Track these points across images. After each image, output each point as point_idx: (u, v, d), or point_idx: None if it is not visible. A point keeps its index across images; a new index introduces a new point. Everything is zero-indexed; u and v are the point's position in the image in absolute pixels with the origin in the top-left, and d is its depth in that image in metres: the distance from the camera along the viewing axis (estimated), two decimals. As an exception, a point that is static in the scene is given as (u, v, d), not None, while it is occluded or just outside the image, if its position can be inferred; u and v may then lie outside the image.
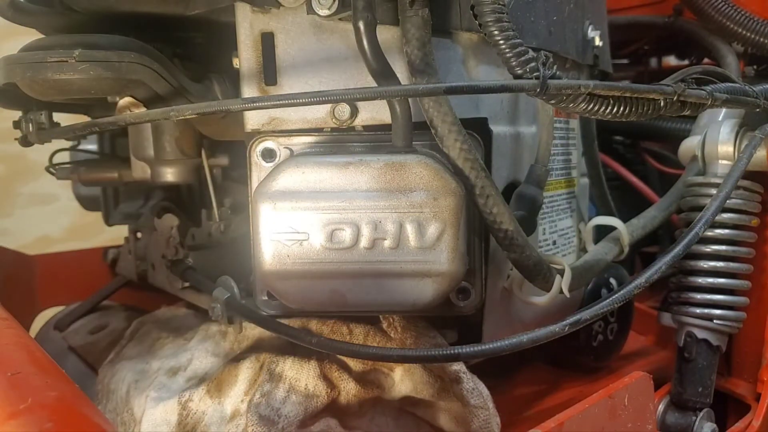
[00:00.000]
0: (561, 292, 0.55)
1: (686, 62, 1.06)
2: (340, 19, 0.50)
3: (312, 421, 0.53)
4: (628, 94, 0.46)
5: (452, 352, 0.48)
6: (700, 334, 0.65)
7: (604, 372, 0.76)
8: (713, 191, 0.61)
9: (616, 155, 1.00)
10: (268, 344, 0.59)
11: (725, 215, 0.64)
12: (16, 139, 0.64)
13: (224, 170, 0.79)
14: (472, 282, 0.53)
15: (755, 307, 0.68)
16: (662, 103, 0.48)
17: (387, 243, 0.48)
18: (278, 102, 0.44)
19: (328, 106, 0.52)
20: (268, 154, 0.53)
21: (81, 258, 0.98)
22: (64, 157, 0.85)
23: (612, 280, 0.72)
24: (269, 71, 0.53)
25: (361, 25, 0.46)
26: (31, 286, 0.92)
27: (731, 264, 0.65)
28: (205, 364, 0.60)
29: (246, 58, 0.53)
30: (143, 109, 0.55)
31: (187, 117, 0.46)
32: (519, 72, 0.45)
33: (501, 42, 0.45)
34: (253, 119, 0.54)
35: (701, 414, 0.64)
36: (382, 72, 0.47)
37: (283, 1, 0.51)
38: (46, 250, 1.01)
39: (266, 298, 0.54)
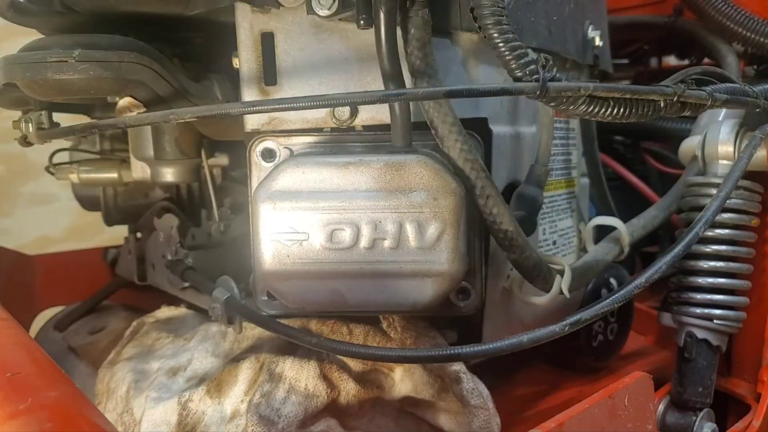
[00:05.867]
0: (561, 292, 0.55)
1: (686, 62, 1.06)
2: (340, 20, 0.50)
3: (312, 422, 0.53)
4: (628, 96, 0.46)
5: (452, 352, 0.48)
6: (700, 334, 0.65)
7: (604, 372, 0.76)
8: (713, 191, 0.61)
9: (616, 155, 1.00)
10: (268, 344, 0.59)
11: (725, 215, 0.64)
12: (15, 139, 0.64)
13: (224, 170, 0.79)
14: (472, 282, 0.53)
15: (755, 307, 0.68)
16: (662, 104, 0.47)
17: (387, 243, 0.48)
18: (277, 106, 0.44)
19: (328, 107, 0.52)
20: (268, 154, 0.53)
21: (81, 258, 0.98)
22: (63, 157, 0.85)
23: (612, 280, 0.72)
24: (269, 71, 0.53)
25: (382, 28, 0.46)
26: (31, 286, 0.92)
27: (731, 264, 0.65)
28: (205, 364, 0.60)
29: (246, 58, 0.53)
30: (143, 110, 0.54)
31: (187, 120, 0.46)
32: (518, 75, 0.45)
33: (500, 44, 0.45)
34: (253, 119, 0.54)
35: (701, 414, 0.64)
36: (392, 76, 0.47)
37: (283, 1, 0.51)
38: (46, 250, 1.00)
39: (266, 298, 0.54)
